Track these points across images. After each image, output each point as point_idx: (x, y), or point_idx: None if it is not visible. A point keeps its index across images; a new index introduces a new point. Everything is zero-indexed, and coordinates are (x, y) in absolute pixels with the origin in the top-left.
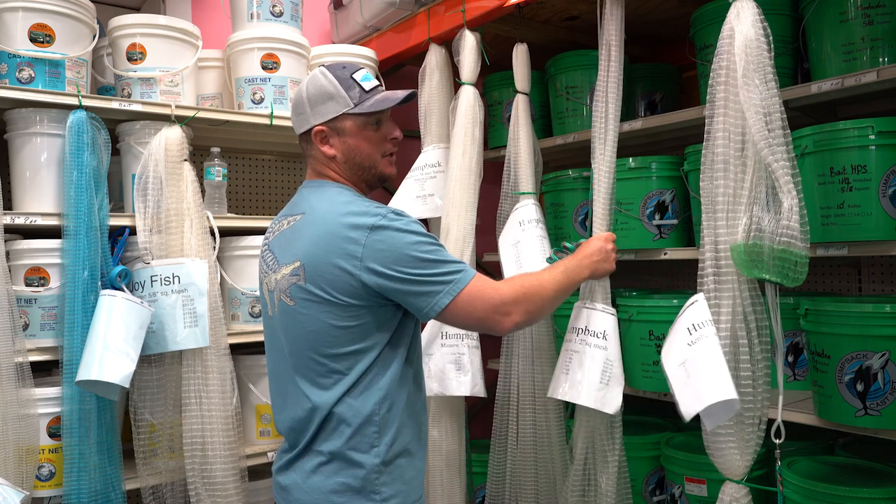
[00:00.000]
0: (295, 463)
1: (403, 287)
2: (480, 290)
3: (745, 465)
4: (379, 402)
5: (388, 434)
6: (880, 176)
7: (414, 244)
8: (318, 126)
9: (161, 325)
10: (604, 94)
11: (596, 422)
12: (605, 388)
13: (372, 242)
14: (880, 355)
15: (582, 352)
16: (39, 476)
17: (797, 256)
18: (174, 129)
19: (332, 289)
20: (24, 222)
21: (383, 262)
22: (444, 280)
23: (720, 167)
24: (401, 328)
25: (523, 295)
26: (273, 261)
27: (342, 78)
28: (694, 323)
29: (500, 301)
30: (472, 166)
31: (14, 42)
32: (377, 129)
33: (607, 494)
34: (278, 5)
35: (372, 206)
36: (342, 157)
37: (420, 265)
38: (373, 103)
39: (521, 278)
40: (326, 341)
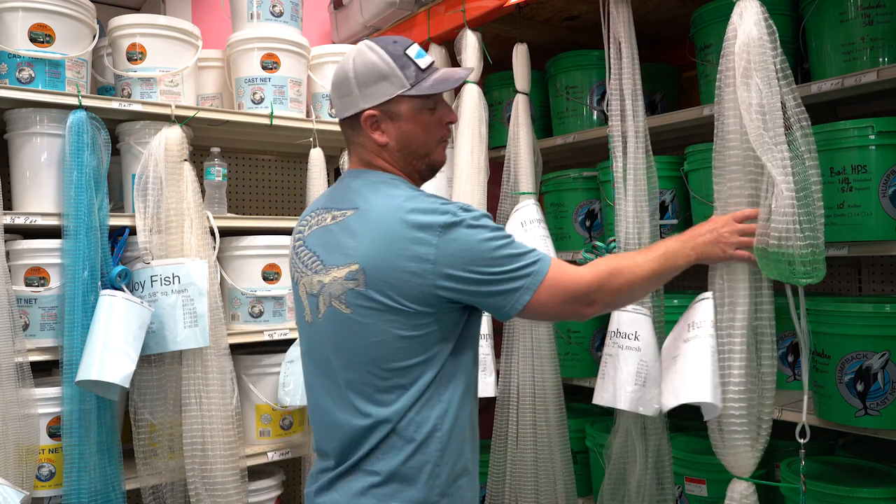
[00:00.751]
0: (338, 482)
1: (482, 288)
2: (561, 278)
3: (755, 463)
4: (441, 416)
5: (451, 452)
6: (880, 176)
7: (489, 240)
8: (368, 110)
9: (161, 325)
10: (618, 93)
11: (630, 423)
12: (642, 390)
13: (445, 243)
14: (880, 355)
15: (615, 355)
16: (39, 476)
17: (792, 257)
18: (174, 129)
19: (399, 295)
20: (24, 222)
21: (459, 263)
22: (523, 274)
23: (735, 168)
24: (464, 335)
25: (607, 282)
26: (314, 260)
27: (395, 54)
28: (695, 321)
29: (583, 290)
30: (480, 164)
31: (14, 42)
32: (433, 112)
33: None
34: (278, 5)
35: (438, 202)
36: (395, 145)
37: (498, 262)
38: (432, 84)
39: (606, 261)
40: (390, 353)
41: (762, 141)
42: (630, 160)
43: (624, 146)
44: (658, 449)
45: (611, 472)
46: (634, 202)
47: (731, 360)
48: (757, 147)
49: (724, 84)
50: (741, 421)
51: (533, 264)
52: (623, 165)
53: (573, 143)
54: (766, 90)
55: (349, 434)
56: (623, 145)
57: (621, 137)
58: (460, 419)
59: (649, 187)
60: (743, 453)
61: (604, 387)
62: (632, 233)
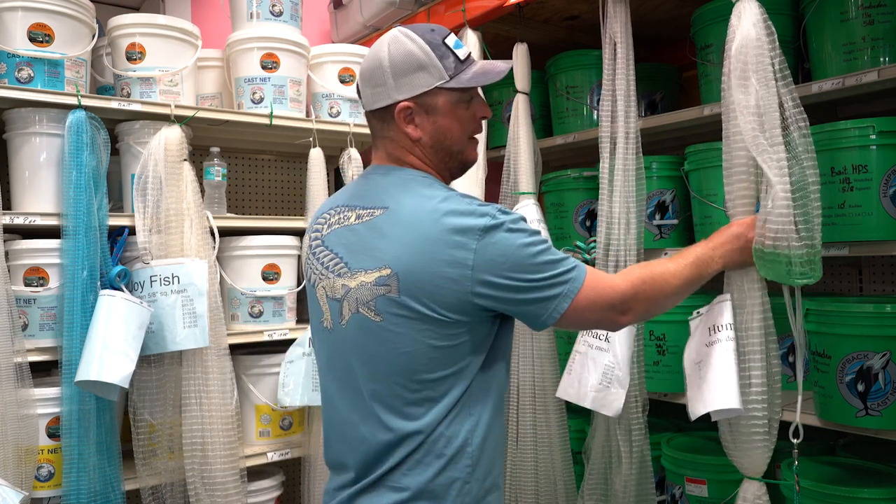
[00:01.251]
0: (359, 498)
1: (520, 296)
2: (597, 288)
3: (767, 463)
4: (471, 431)
5: (481, 467)
6: (881, 176)
7: (528, 245)
8: (403, 102)
9: (160, 325)
10: (610, 93)
11: (612, 422)
12: (605, 390)
13: (484, 248)
14: (881, 355)
15: (585, 353)
16: (38, 476)
17: (788, 258)
18: (173, 128)
19: (435, 303)
20: (24, 222)
21: (498, 269)
22: (562, 281)
23: (741, 169)
24: (495, 347)
25: (643, 290)
26: (337, 262)
27: (434, 43)
28: (716, 324)
29: (619, 298)
30: (480, 163)
31: (13, 41)
32: (468, 107)
33: (620, 495)
34: (278, 5)
35: (475, 204)
36: (429, 140)
37: (538, 269)
38: (472, 76)
39: (640, 269)
40: (421, 364)
41: (758, 142)
42: (619, 161)
43: (613, 147)
44: (641, 449)
45: (591, 471)
46: (621, 203)
47: (752, 361)
48: (752, 148)
49: (729, 85)
50: (762, 422)
51: (571, 271)
52: (610, 166)
53: (573, 143)
54: (764, 91)
55: (374, 447)
56: (612, 146)
57: (610, 139)
58: (492, 434)
59: (638, 189)
60: (760, 454)
61: (569, 383)
62: (615, 234)
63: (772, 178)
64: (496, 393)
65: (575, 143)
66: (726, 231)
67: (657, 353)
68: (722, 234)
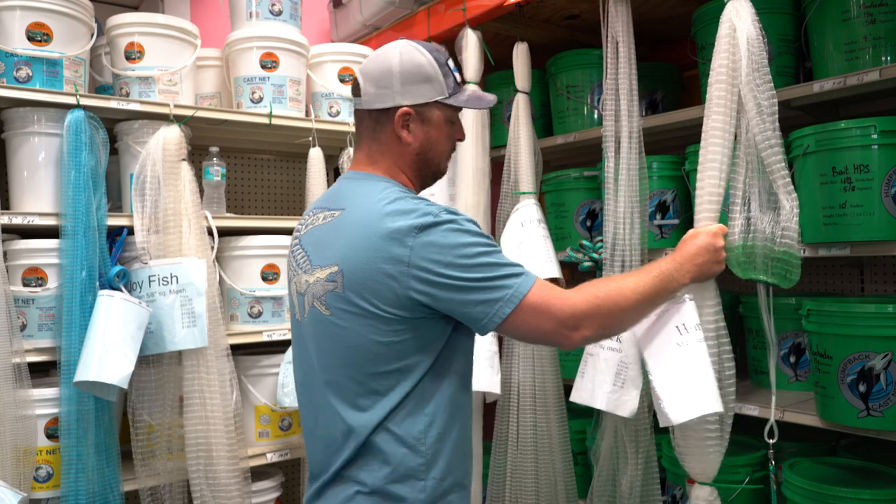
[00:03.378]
0: (326, 491)
1: (457, 296)
2: (545, 299)
3: (716, 468)
4: (425, 429)
5: (438, 467)
6: (883, 175)
7: (468, 245)
8: (405, 107)
9: (159, 325)
10: (613, 93)
11: (619, 424)
12: (620, 391)
13: (421, 244)
14: (883, 356)
15: (596, 355)
16: (37, 477)
17: (795, 258)
18: (172, 128)
19: (376, 298)
20: (22, 222)
21: (434, 266)
22: (503, 285)
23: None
24: (451, 348)
25: (597, 307)
26: (305, 260)
27: (441, 62)
28: (684, 323)
29: (569, 313)
30: (484, 168)
31: (11, 41)
32: (453, 126)
33: (626, 496)
34: (277, 4)
35: (422, 204)
36: (417, 147)
37: (476, 269)
38: (467, 98)
39: (596, 286)
40: (366, 358)
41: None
42: (623, 160)
43: (617, 146)
44: (647, 450)
45: (599, 472)
46: (626, 203)
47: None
48: (765, 147)
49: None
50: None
51: (515, 277)
52: (615, 166)
53: (574, 143)
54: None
55: (332, 440)
56: (616, 145)
57: (614, 138)
58: (450, 436)
59: (641, 188)
60: (704, 459)
61: (582, 386)
62: (621, 234)
63: (781, 178)
64: (455, 397)
65: (575, 143)
66: (693, 242)
67: None
68: (689, 246)
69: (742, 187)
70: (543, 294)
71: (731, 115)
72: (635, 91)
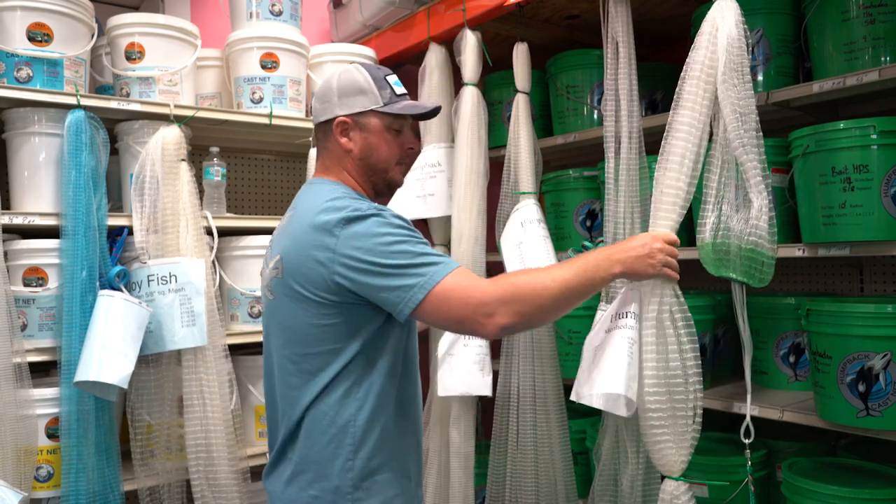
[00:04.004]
0: (274, 469)
1: (375, 281)
2: (460, 285)
3: (682, 462)
4: (354, 414)
5: (366, 448)
6: (882, 175)
7: (388, 234)
8: (341, 116)
9: (159, 324)
10: (613, 93)
11: (620, 423)
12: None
13: (347, 235)
14: (882, 356)
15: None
16: (38, 477)
17: (764, 257)
18: (171, 128)
19: (308, 283)
20: (23, 222)
21: (356, 253)
22: (418, 273)
23: (676, 160)
24: (381, 338)
25: (512, 294)
26: (268, 254)
27: (376, 77)
28: (619, 311)
29: (480, 300)
30: (479, 168)
31: (12, 41)
32: (398, 135)
33: (627, 495)
34: (277, 4)
35: (355, 203)
36: (358, 154)
37: (393, 256)
38: (402, 107)
39: (514, 275)
40: (300, 339)
41: (742, 141)
42: (623, 161)
43: (617, 146)
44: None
45: (601, 472)
46: (626, 203)
47: (645, 352)
48: (737, 146)
49: (687, 76)
50: (659, 416)
51: (430, 265)
52: (615, 166)
53: (574, 143)
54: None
55: (275, 417)
56: (616, 145)
57: (615, 138)
58: (379, 421)
59: (641, 188)
60: (666, 452)
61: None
62: (622, 234)
63: (754, 177)
64: (386, 389)
65: (575, 143)
66: (629, 240)
67: None
68: (624, 242)
69: (716, 186)
70: (458, 281)
71: (703, 112)
72: (635, 91)
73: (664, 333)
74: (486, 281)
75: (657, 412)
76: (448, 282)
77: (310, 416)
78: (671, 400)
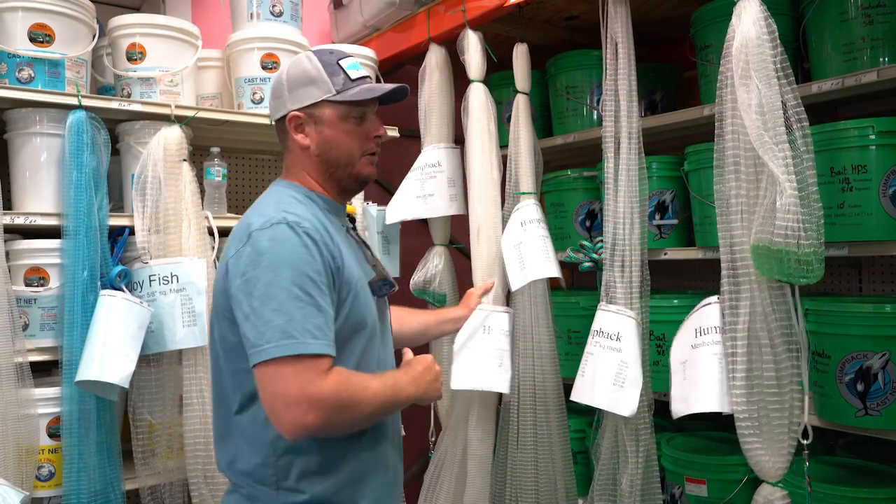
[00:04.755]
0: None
1: (238, 312)
2: (302, 373)
3: (778, 468)
4: (274, 440)
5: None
6: (881, 176)
7: (275, 269)
8: (293, 111)
9: (160, 324)
10: (612, 93)
11: (619, 423)
12: (620, 390)
13: (244, 249)
14: (880, 355)
15: (596, 354)
16: (39, 476)
17: (796, 255)
18: (173, 128)
19: (224, 296)
20: (24, 222)
21: (238, 272)
22: (269, 332)
23: (731, 168)
24: None
25: (339, 401)
26: None
27: (327, 63)
28: (702, 326)
29: (308, 393)
30: (492, 161)
31: (14, 42)
32: (359, 123)
33: (627, 495)
34: (278, 5)
35: (278, 213)
36: (316, 150)
37: (259, 300)
38: (357, 92)
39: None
40: (222, 352)
41: (762, 140)
42: (623, 161)
43: (617, 147)
44: (647, 448)
45: (600, 471)
46: (625, 203)
47: (735, 363)
48: (758, 146)
49: (724, 84)
50: (748, 424)
51: (287, 337)
52: (615, 166)
53: (573, 143)
54: (766, 90)
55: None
56: (616, 146)
57: (614, 138)
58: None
59: (641, 189)
60: (760, 458)
61: (582, 385)
62: (621, 234)
63: (778, 175)
64: None
65: (575, 143)
66: (419, 362)
67: (657, 353)
68: (416, 364)
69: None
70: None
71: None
72: (635, 92)
73: (760, 344)
74: (324, 378)
75: (748, 422)
76: (294, 365)
77: (239, 423)
78: (765, 409)
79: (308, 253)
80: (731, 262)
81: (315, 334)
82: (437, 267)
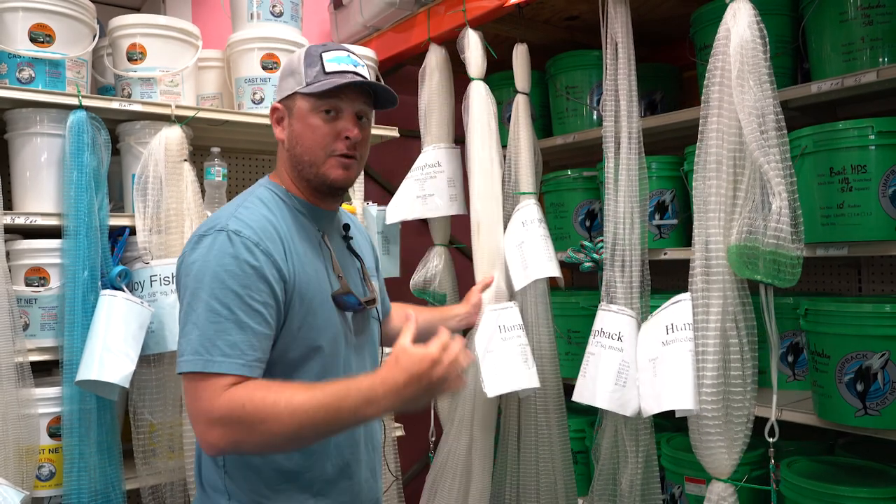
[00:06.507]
0: None
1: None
2: (203, 386)
3: (732, 464)
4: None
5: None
6: (880, 176)
7: (199, 280)
8: (275, 103)
9: (160, 324)
10: (612, 93)
11: (619, 422)
12: (622, 390)
13: (184, 256)
14: (880, 355)
15: (598, 354)
16: (39, 476)
17: (787, 258)
18: (174, 129)
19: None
20: (25, 222)
21: (178, 278)
22: (184, 345)
23: (713, 167)
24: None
25: (238, 418)
26: None
27: (311, 54)
28: (673, 323)
29: (206, 410)
30: (493, 157)
31: (14, 42)
32: (329, 120)
33: (626, 495)
34: (278, 5)
35: (228, 219)
36: (287, 144)
37: (185, 311)
38: (321, 84)
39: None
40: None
41: (759, 142)
42: (623, 161)
43: (617, 147)
44: (647, 448)
45: (600, 471)
46: (625, 203)
47: (705, 360)
48: (754, 148)
49: (710, 83)
50: (715, 423)
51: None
52: (615, 166)
53: (573, 143)
54: (759, 91)
55: None
56: (616, 146)
57: (614, 138)
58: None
59: (641, 189)
60: (717, 455)
61: (584, 385)
62: (621, 234)
63: (772, 178)
64: None
65: (575, 143)
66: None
67: None
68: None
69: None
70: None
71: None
72: (634, 92)
73: (727, 342)
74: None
75: (714, 420)
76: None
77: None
78: (729, 407)
79: (238, 265)
80: (705, 261)
81: (226, 352)
82: (437, 267)
